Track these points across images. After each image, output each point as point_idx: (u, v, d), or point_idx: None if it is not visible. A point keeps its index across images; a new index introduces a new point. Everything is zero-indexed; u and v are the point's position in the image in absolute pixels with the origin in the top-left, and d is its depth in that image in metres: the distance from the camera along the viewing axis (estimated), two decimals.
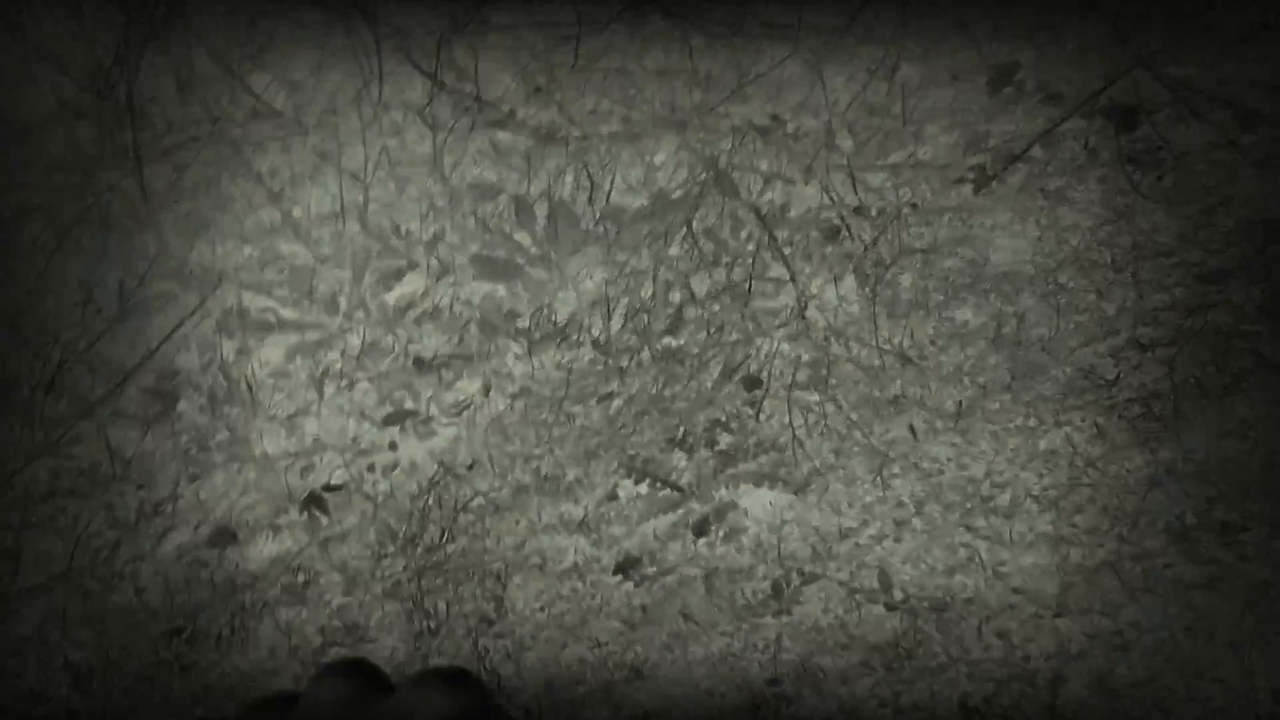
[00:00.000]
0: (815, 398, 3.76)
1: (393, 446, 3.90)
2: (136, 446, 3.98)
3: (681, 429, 3.77)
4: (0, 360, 4.15)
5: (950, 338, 3.84)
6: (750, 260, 4.15)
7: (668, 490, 3.65)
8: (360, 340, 4.15)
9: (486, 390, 3.99)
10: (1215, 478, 3.34)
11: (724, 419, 3.78)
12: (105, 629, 3.58)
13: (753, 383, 3.84)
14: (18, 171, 4.64)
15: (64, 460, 3.95)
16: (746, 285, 4.09)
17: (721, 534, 3.51)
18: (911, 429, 3.63)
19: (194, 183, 4.56)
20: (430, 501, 3.75)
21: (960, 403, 3.67)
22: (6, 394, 4.08)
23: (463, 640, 3.42)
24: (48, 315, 4.28)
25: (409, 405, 3.98)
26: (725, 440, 3.71)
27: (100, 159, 4.61)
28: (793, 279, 4.08)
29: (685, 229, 4.26)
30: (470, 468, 3.81)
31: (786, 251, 4.16)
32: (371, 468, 3.86)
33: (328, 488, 3.83)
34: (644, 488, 3.67)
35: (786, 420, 3.72)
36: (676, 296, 4.12)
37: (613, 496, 3.66)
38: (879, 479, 3.54)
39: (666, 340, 4.02)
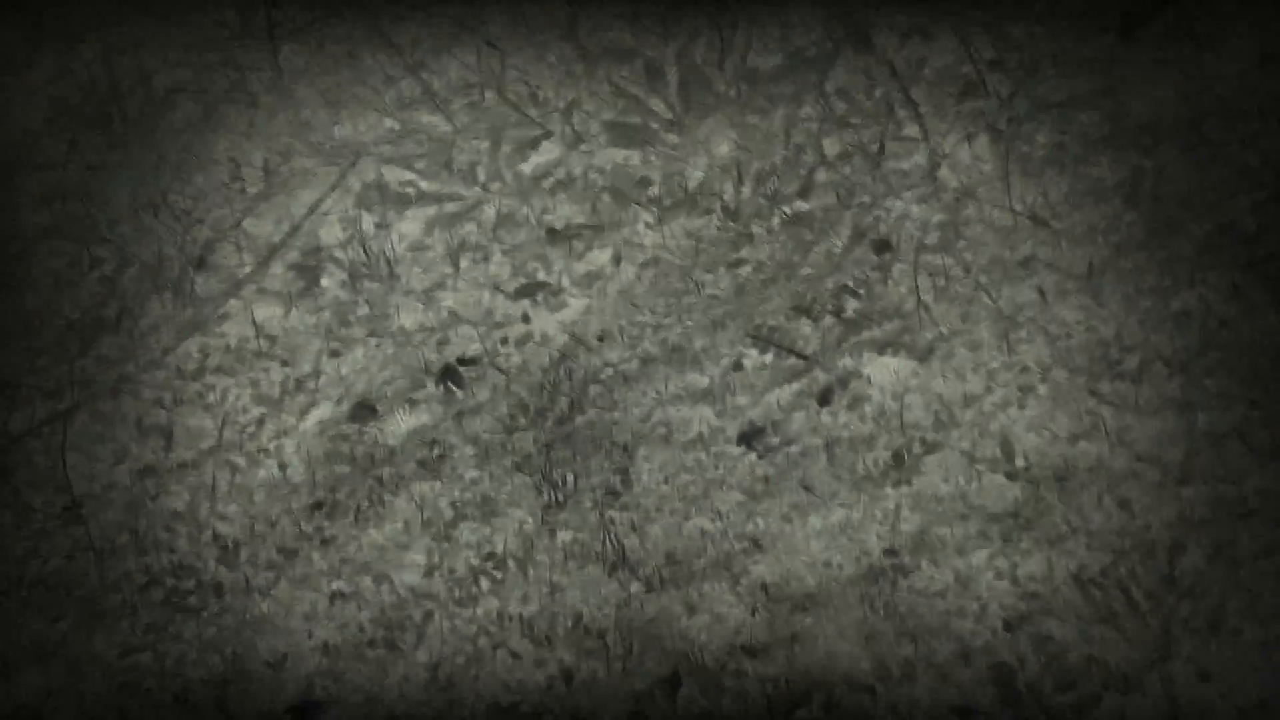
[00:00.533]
0: (943, 261, 3.71)
1: (525, 319, 3.94)
2: (281, 323, 4.08)
3: (809, 295, 3.75)
4: (151, 239, 4.27)
5: (1085, 195, 3.74)
6: (883, 120, 4.08)
7: (792, 359, 3.64)
8: (496, 211, 4.19)
9: (617, 260, 4.01)
10: None
11: (851, 284, 3.75)
12: (251, 503, 3.70)
13: (881, 246, 3.80)
14: (168, 52, 4.74)
15: (213, 338, 4.07)
16: (878, 146, 4.02)
17: (845, 403, 3.51)
18: (1040, 291, 3.57)
19: (333, 57, 4.60)
20: (561, 374, 3.79)
21: (1092, 263, 3.59)
22: (158, 272, 4.20)
23: (589, 513, 3.47)
24: (197, 193, 4.39)
25: (541, 276, 4.02)
26: (852, 306, 3.69)
27: (241, 37, 4.68)
28: (925, 138, 4.01)
29: (818, 89, 4.20)
30: (600, 339, 3.84)
31: (921, 110, 4.08)
32: (505, 340, 3.91)
33: (462, 361, 3.90)
34: (769, 356, 3.66)
35: (913, 285, 3.67)
36: (808, 159, 4.07)
37: (738, 366, 3.67)
38: (1005, 344, 3.49)
39: (796, 204, 3.99)
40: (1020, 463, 3.26)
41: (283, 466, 3.78)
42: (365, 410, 3.87)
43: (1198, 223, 3.59)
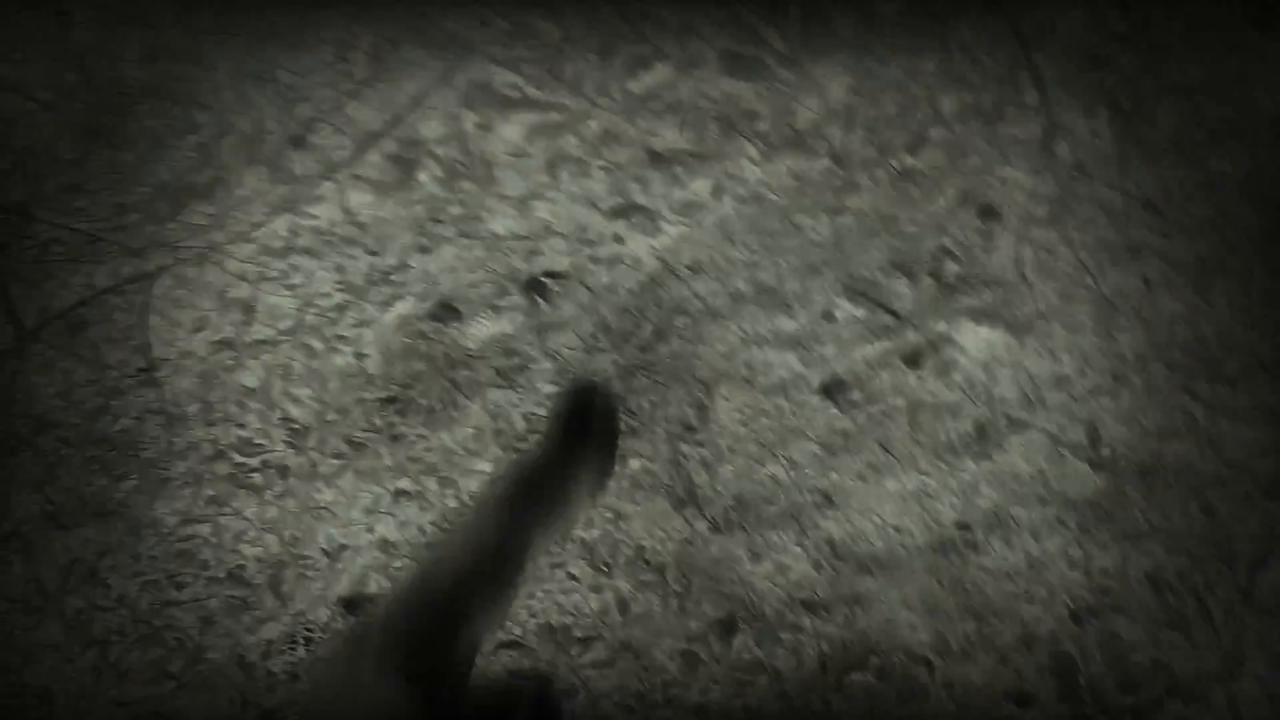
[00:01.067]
0: (1050, 236, 3.64)
1: (618, 239, 3.90)
2: (373, 212, 4.04)
3: (908, 254, 3.70)
4: (252, 111, 4.24)
5: (1201, 186, 3.66)
6: (1004, 83, 4.00)
7: (885, 316, 3.59)
8: (600, 127, 4.13)
9: (717, 192, 3.95)
10: None
11: (952, 248, 3.69)
12: (325, 389, 3.69)
13: (988, 213, 3.74)
14: None
15: (303, 218, 4.04)
16: (996, 109, 3.95)
17: (933, 368, 3.46)
18: (1145, 280, 3.50)
19: None
20: (648, 300, 3.75)
21: (1202, 258, 3.52)
22: (256, 145, 4.17)
23: (661, 444, 3.45)
24: (302, 70, 4.34)
25: (639, 199, 3.97)
26: (951, 271, 3.63)
27: None
28: (1045, 108, 3.93)
29: (940, 43, 4.12)
30: (692, 270, 3.79)
31: (1043, 76, 3.99)
32: (595, 259, 3.87)
33: (551, 274, 3.86)
34: (861, 310, 3.61)
35: (1016, 256, 3.61)
36: (922, 114, 4.00)
37: (829, 316, 3.62)
38: (1104, 330, 3.43)
39: (905, 159, 3.92)
40: (1105, 452, 3.21)
41: (359, 356, 3.76)
42: (448, 311, 3.84)
43: None
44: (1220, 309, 3.40)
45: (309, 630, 3.22)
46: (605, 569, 3.24)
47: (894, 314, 3.57)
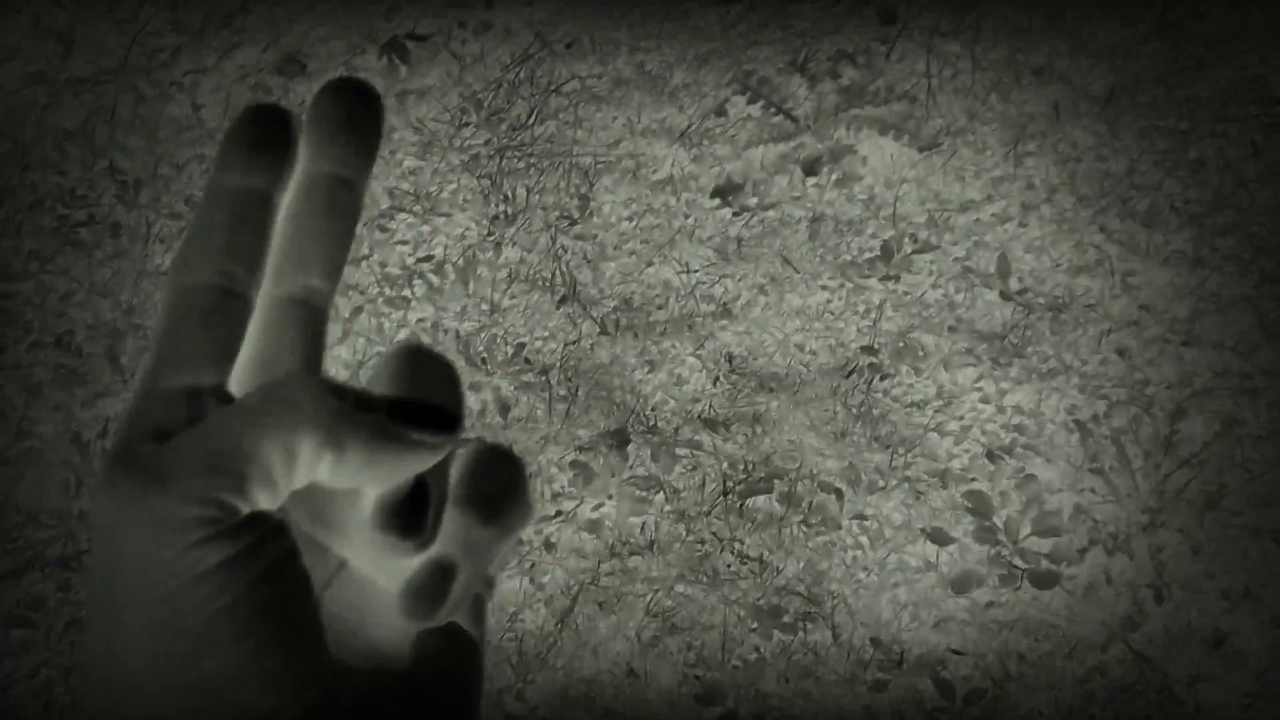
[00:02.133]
0: (956, 48, 3.45)
1: (489, 5, 3.57)
2: None
3: (804, 51, 3.46)
4: None
5: (1111, 9, 3.51)
6: None
7: (781, 117, 3.36)
8: None
9: None
10: None
11: (851, 51, 3.47)
12: (157, 140, 3.31)
13: (889, 15, 3.52)
14: None
15: None
16: None
17: (834, 178, 3.25)
18: (1055, 106, 3.34)
19: None
20: (521, 75, 3.45)
21: (1112, 87, 3.37)
22: None
23: (540, 234, 3.18)
24: None
25: None
26: (850, 75, 3.41)
27: None
28: None
29: None
30: (569, 46, 3.50)
31: None
32: (463, 24, 3.54)
33: (412, 36, 3.51)
34: (756, 109, 3.38)
35: (922, 68, 3.41)
36: None
37: (721, 111, 3.37)
38: (1012, 153, 3.27)
39: None
40: (1015, 283, 3.07)
41: (196, 107, 3.38)
42: (294, 64, 3.47)
43: (1224, 68, 3.40)
44: (1129, 143, 3.27)
45: None
46: (482, 364, 2.98)
47: (791, 116, 3.34)
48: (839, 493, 2.79)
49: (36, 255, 3.09)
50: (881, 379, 2.95)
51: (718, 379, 2.96)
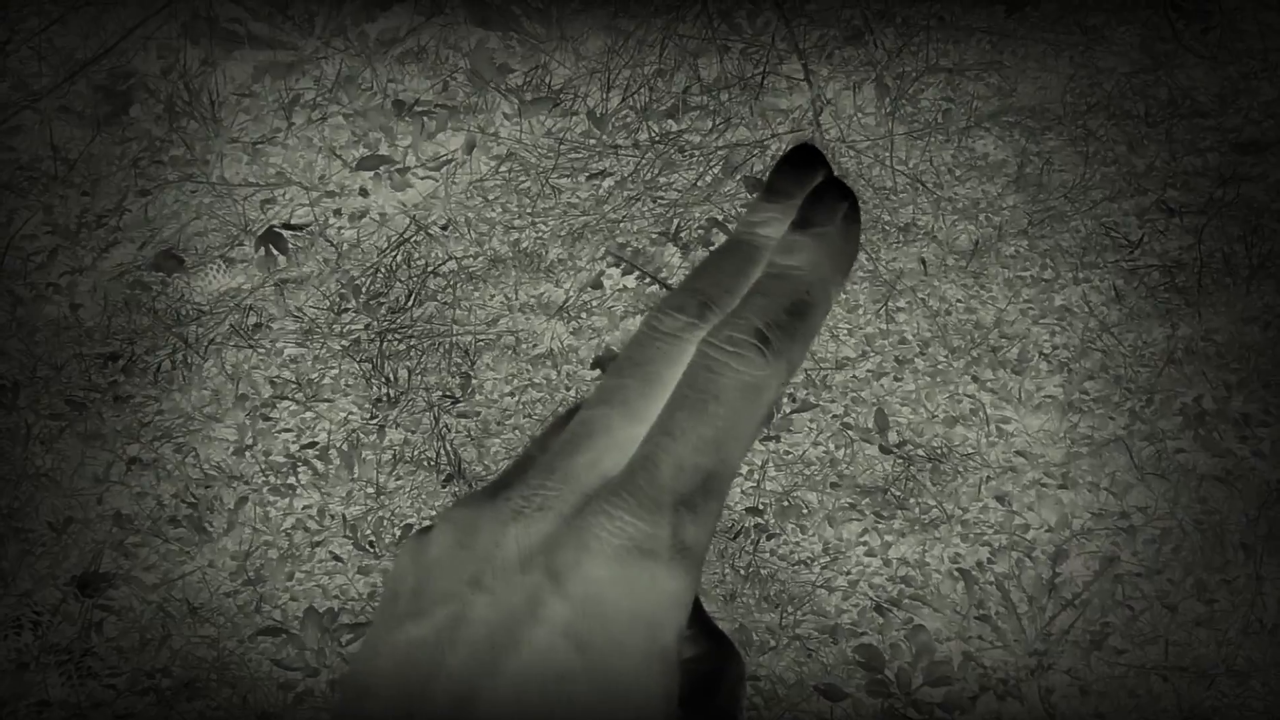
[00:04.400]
0: None
1: (364, 193, 3.62)
2: (83, 148, 3.66)
3: (676, 222, 3.53)
4: None
5: (969, 169, 3.62)
6: (765, 51, 3.88)
7: (656, 286, 3.42)
8: (336, 71, 3.84)
9: (470, 147, 3.71)
10: (1236, 364, 3.19)
11: (722, 219, 3.54)
12: (34, 342, 3.30)
13: (756, 185, 3.60)
14: None
15: (2, 151, 3.62)
16: (759, 78, 3.82)
17: None
18: (922, 261, 3.43)
19: None
20: (399, 259, 3.49)
21: (976, 241, 3.46)
22: None
23: (423, 414, 3.19)
24: None
25: (384, 150, 3.69)
26: (722, 241, 3.48)
27: None
28: (808, 79, 3.82)
29: (701, 4, 3.97)
30: (445, 228, 3.55)
31: (804, 47, 3.89)
32: (338, 212, 3.58)
33: (288, 226, 3.55)
34: (631, 280, 3.43)
35: None
36: (682, 78, 3.85)
37: (596, 284, 3.43)
38: (884, 310, 3.34)
39: (668, 124, 3.76)
40: (894, 437, 3.12)
41: (74, 307, 3.39)
42: (172, 260, 3.49)
43: (1081, 218, 3.50)
44: (996, 295, 3.35)
45: (36, 613, 2.84)
46: (370, 548, 2.97)
47: (665, 285, 3.40)
48: None
49: None
50: (768, 538, 2.97)
51: None
